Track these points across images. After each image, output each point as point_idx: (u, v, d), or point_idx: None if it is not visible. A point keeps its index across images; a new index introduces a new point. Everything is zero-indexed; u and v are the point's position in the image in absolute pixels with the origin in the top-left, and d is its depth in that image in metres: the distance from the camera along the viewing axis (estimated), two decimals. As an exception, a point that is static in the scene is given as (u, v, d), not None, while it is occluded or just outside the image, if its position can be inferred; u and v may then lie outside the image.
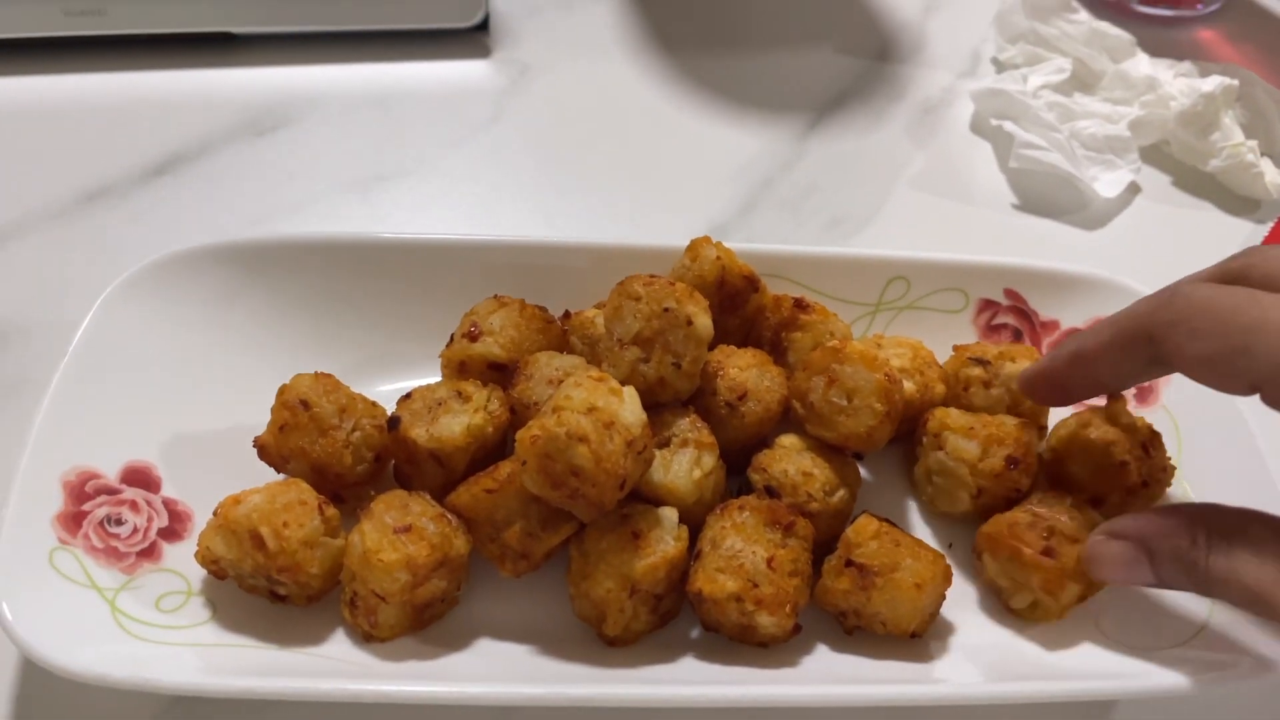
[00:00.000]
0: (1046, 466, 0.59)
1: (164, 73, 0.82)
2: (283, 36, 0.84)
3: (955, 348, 0.63)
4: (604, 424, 0.47)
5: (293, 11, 0.82)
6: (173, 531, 0.54)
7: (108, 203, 0.73)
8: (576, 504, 0.48)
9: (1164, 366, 0.45)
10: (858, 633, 0.54)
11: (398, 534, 0.48)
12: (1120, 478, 0.56)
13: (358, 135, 0.80)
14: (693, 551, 0.52)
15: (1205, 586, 0.44)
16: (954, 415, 0.59)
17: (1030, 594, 0.53)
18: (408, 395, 0.55)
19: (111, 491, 0.53)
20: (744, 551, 0.51)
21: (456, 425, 0.53)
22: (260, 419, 0.56)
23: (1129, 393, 0.62)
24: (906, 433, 0.62)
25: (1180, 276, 0.75)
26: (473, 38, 0.87)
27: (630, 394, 0.49)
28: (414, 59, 0.85)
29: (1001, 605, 0.55)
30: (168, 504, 0.54)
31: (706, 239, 0.62)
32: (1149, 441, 0.57)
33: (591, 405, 0.48)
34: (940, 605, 0.54)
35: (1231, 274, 0.43)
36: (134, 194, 0.74)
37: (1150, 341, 0.43)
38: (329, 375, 0.56)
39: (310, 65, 0.84)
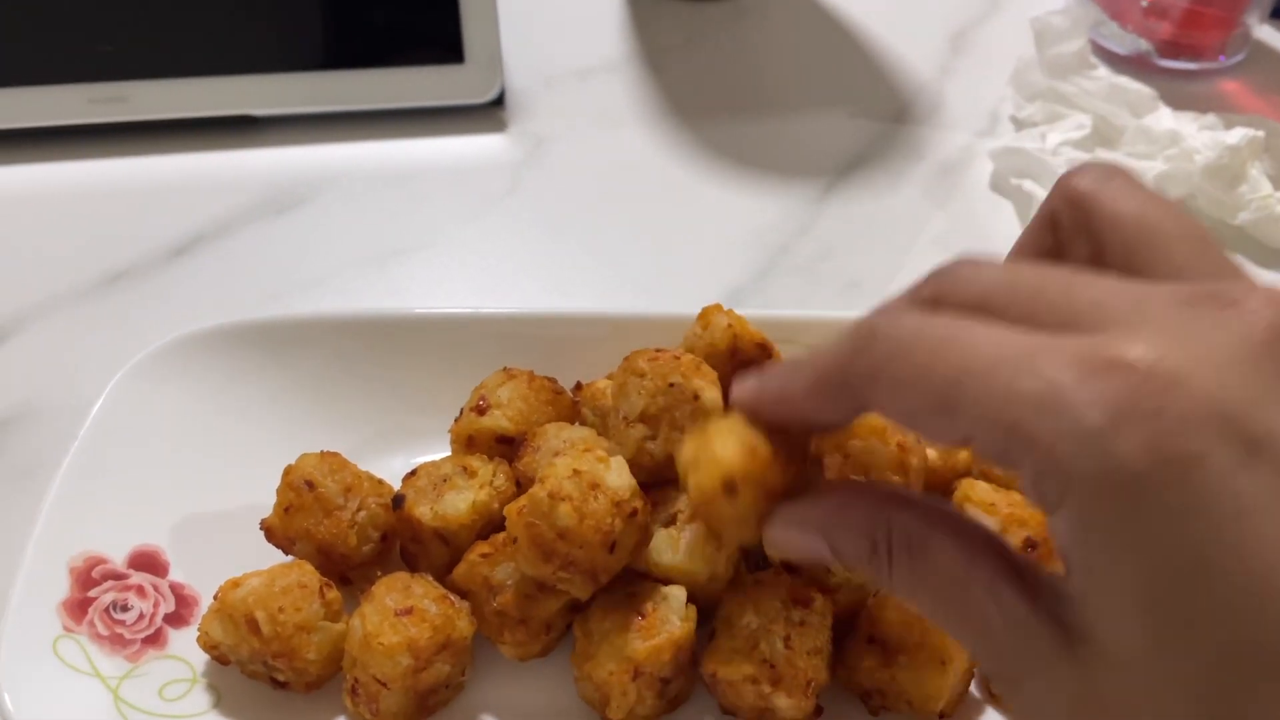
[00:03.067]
0: None
1: (186, 156, 0.83)
2: (302, 118, 0.86)
3: None
4: (588, 485, 0.47)
5: (313, 93, 0.84)
6: (179, 617, 0.53)
7: (129, 283, 0.74)
8: (571, 577, 0.47)
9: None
10: (883, 714, 0.51)
11: (399, 616, 0.47)
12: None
13: (375, 211, 0.80)
14: (706, 631, 0.51)
15: (891, 592, 0.38)
16: (979, 488, 0.57)
17: None
18: (413, 472, 0.55)
19: (119, 577, 0.53)
20: (760, 630, 0.49)
21: (461, 502, 0.52)
22: (272, 499, 0.55)
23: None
24: (931, 501, 0.60)
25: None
26: (488, 112, 0.88)
27: (618, 461, 0.49)
28: (430, 135, 0.86)
29: (984, 689, 0.53)
30: (175, 588, 0.54)
31: (717, 306, 0.61)
32: None
33: (575, 470, 0.47)
34: (969, 683, 0.51)
35: (928, 299, 0.35)
36: (155, 274, 0.75)
37: (852, 393, 0.34)
38: (335, 454, 0.55)
39: (329, 144, 0.85)
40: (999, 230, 0.82)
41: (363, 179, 0.83)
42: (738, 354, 0.60)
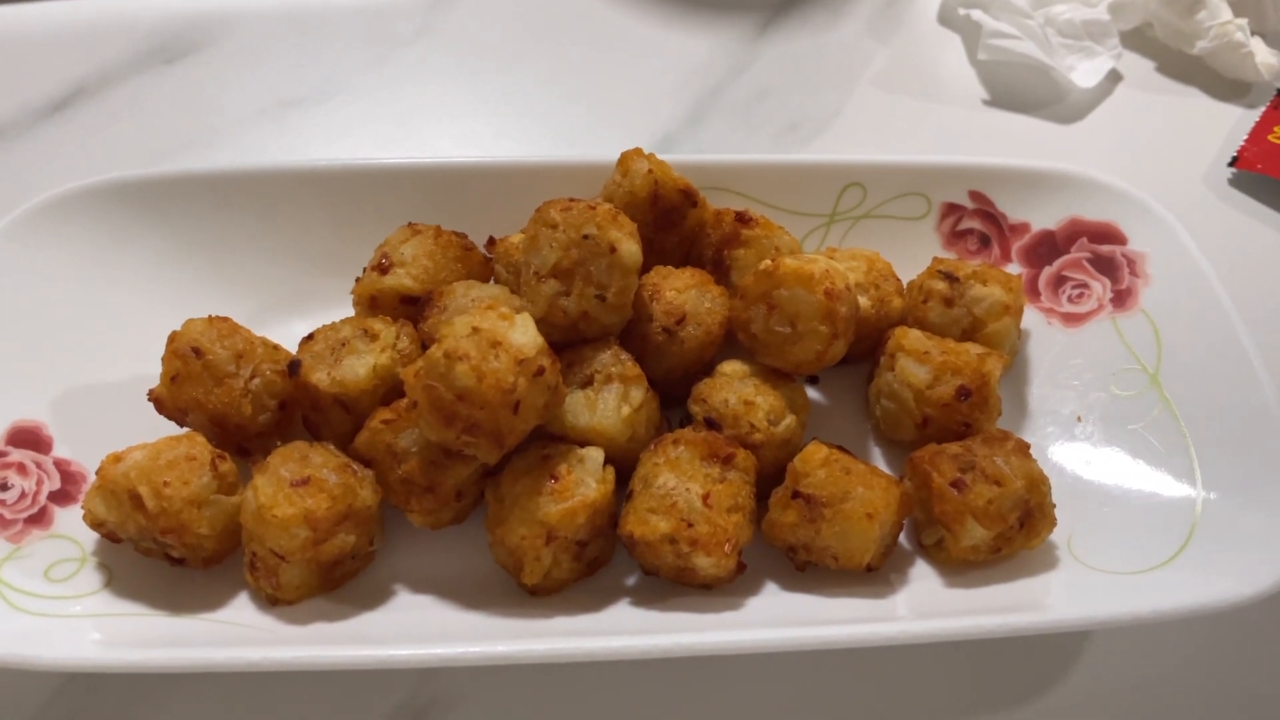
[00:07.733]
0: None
1: (62, 2, 0.76)
2: (190, -45, 0.78)
3: (935, 259, 0.58)
4: (488, 343, 0.43)
5: (199, -73, 0.76)
6: (65, 494, 0.50)
7: (3, 143, 0.68)
8: (477, 441, 0.44)
9: None
10: (810, 569, 0.50)
11: (294, 488, 0.44)
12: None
13: (272, 59, 0.74)
14: (625, 492, 0.49)
15: None
16: (913, 337, 0.54)
17: (938, 530, 0.49)
18: (310, 336, 0.51)
19: (-4, 454, 0.49)
20: (677, 489, 0.47)
21: (361, 367, 0.49)
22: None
23: (1105, 295, 0.58)
24: (867, 351, 0.57)
25: (1165, 169, 0.71)
26: (397, -53, 0.81)
27: (524, 319, 0.45)
28: (333, -27, 0.79)
29: (915, 540, 0.51)
30: (59, 465, 0.50)
31: (638, 151, 0.57)
32: None
33: (475, 327, 0.44)
34: (897, 535, 0.50)
35: None
36: (33, 132, 0.69)
37: None
38: (225, 318, 0.51)
39: (221, -15, 0.78)
40: (946, 67, 0.77)
41: (259, 23, 0.76)
42: (659, 202, 0.56)
